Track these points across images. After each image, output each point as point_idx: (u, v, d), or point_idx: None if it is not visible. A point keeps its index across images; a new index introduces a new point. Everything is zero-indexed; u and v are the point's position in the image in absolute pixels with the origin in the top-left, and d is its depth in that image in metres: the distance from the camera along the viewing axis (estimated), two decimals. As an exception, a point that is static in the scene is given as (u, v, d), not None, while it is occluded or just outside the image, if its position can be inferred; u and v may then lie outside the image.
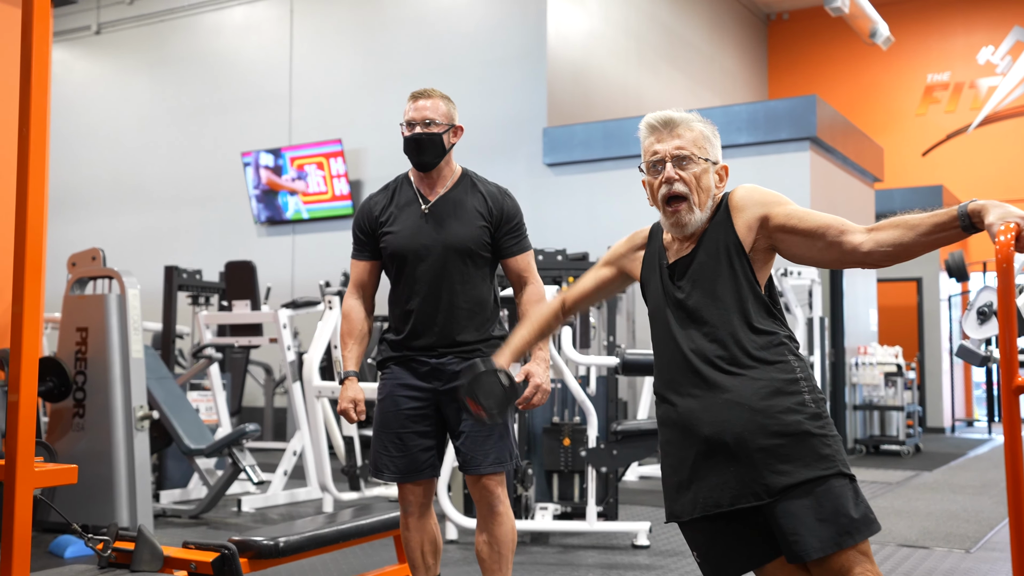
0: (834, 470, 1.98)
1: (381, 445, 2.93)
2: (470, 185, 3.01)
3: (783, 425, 1.99)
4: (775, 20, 15.64)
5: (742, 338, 2.05)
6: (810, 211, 2.04)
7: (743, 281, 2.07)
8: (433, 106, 3.00)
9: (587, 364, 4.85)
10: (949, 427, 12.51)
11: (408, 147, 2.98)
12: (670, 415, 2.12)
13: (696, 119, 2.14)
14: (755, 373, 2.03)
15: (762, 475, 1.98)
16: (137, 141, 12.29)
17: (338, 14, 11.16)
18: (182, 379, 6.10)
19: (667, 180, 2.10)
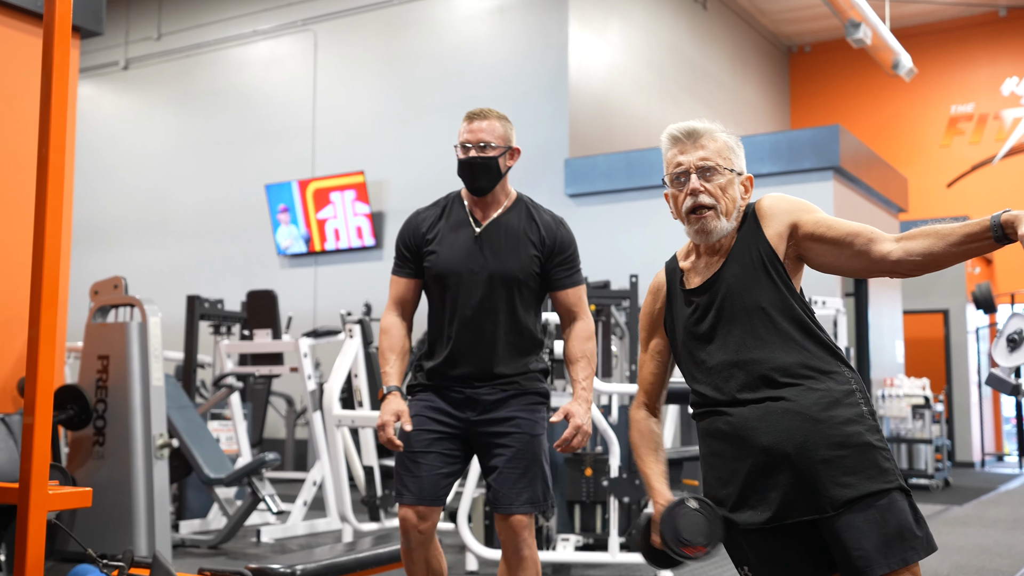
0: (895, 484, 1.91)
1: (403, 465, 2.83)
2: (525, 211, 2.91)
3: (845, 436, 1.92)
4: (797, 52, 15.65)
5: (799, 346, 1.99)
6: (838, 219, 2.00)
7: (785, 289, 2.01)
8: (489, 127, 2.87)
9: (609, 392, 4.80)
10: (979, 462, 12.28)
11: (462, 170, 2.87)
12: (718, 425, 2.04)
13: (720, 129, 2.10)
14: (812, 383, 1.96)
15: (825, 487, 1.91)
16: (163, 174, 12.41)
17: (361, 48, 11.27)
18: (203, 408, 6.09)
19: (692, 192, 2.05)
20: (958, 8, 13.98)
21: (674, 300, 2.17)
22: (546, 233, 2.87)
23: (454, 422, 2.83)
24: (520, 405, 2.83)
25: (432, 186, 10.44)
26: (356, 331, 5.62)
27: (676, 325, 2.16)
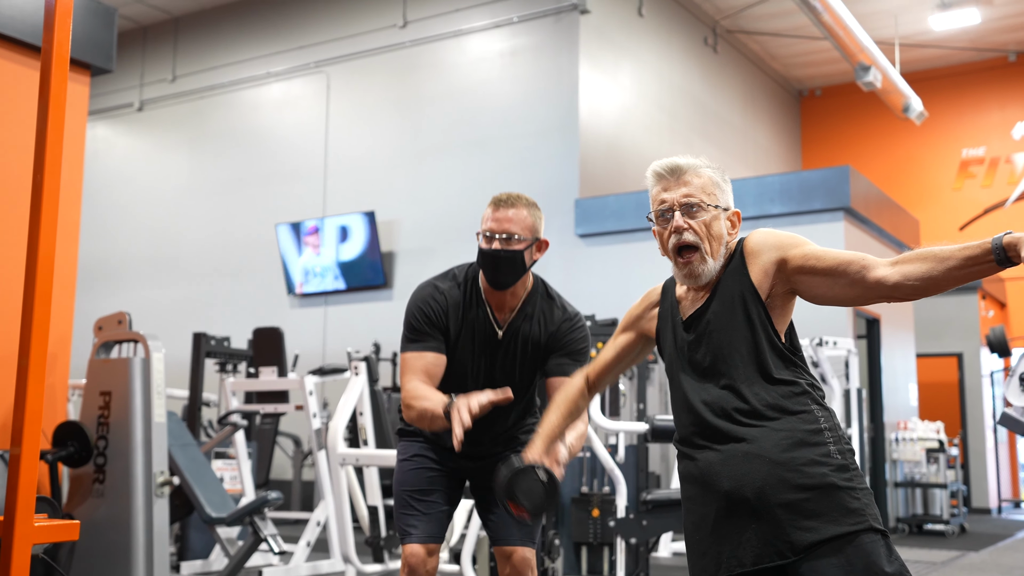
0: (864, 525, 1.84)
1: (405, 505, 2.75)
2: (540, 306, 2.75)
3: (807, 478, 1.87)
4: (807, 96, 15.70)
5: (760, 389, 1.95)
6: (828, 249, 1.95)
7: (759, 330, 1.97)
8: (517, 217, 2.65)
9: (616, 431, 4.73)
10: (995, 508, 12.08)
11: (484, 262, 2.65)
12: (690, 470, 2.02)
13: (704, 164, 2.07)
14: (776, 424, 1.92)
15: (786, 532, 1.85)
16: (175, 214, 12.48)
17: (373, 89, 11.36)
18: (206, 447, 6.04)
19: (676, 230, 2.03)
20: (968, 53, 14.02)
21: (666, 322, 2.14)
22: (558, 330, 2.74)
23: (453, 464, 2.80)
24: (513, 448, 2.79)
25: (442, 227, 10.57)
26: (362, 368, 5.57)
27: (666, 349, 2.14)
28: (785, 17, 12.66)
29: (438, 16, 10.98)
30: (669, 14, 11.84)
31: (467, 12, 10.82)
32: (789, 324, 2.04)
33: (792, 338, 2.04)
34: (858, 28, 10.55)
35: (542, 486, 2.16)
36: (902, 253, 1.85)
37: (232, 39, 12.40)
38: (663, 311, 2.16)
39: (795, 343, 2.04)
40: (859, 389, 8.11)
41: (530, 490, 2.16)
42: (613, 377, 2.35)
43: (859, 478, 1.91)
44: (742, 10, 12.55)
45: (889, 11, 12.58)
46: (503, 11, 10.59)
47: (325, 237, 11.03)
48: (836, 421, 1.98)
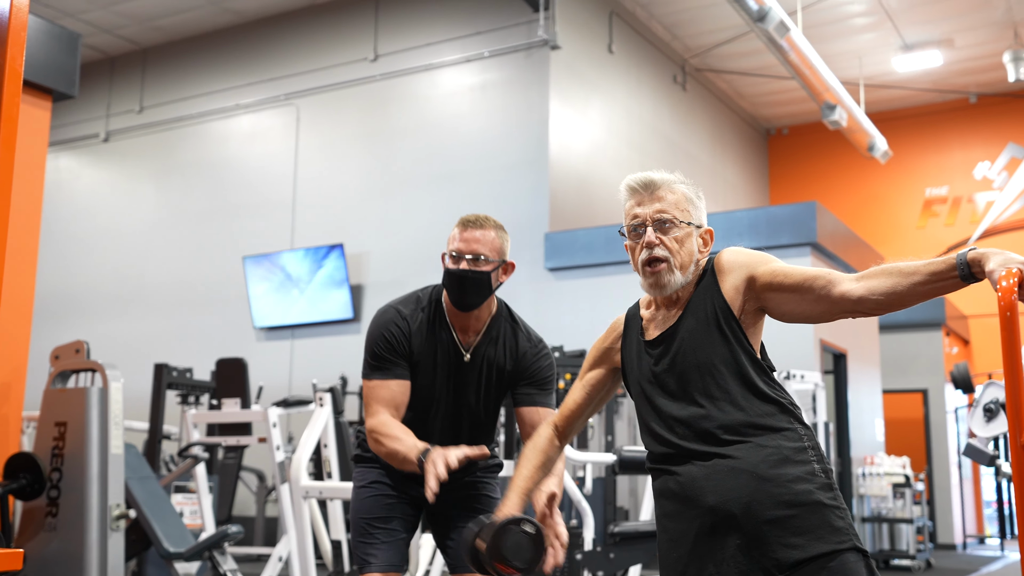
0: (848, 544, 1.82)
1: (365, 533, 2.68)
2: (505, 330, 2.70)
3: (794, 495, 1.84)
4: (775, 135, 15.89)
5: (744, 404, 1.92)
6: (795, 266, 1.95)
7: (737, 346, 1.96)
8: (485, 238, 2.61)
9: (584, 461, 4.68)
10: (960, 543, 12.11)
11: (450, 282, 2.60)
12: (669, 485, 1.97)
13: (679, 180, 2.07)
14: (761, 440, 1.89)
15: (772, 548, 1.82)
16: (141, 246, 12.34)
17: (343, 122, 11.34)
18: (166, 480, 5.90)
19: (647, 245, 2.01)
20: (930, 94, 14.28)
21: (631, 347, 2.12)
22: (524, 357, 2.70)
23: (411, 491, 2.73)
24: (473, 476, 2.76)
25: (411, 260, 10.52)
26: (327, 400, 5.49)
27: (631, 375, 2.11)
28: (753, 56, 12.83)
29: (409, 50, 11.02)
30: (639, 51, 11.96)
31: (438, 46, 10.87)
32: (761, 344, 2.03)
33: (765, 357, 2.03)
34: (824, 68, 10.71)
35: (529, 538, 2.06)
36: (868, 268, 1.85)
37: (201, 70, 12.36)
38: (627, 338, 2.14)
39: (768, 363, 2.03)
40: (827, 423, 8.12)
41: (517, 545, 2.05)
42: (583, 421, 2.29)
43: (840, 498, 1.91)
44: (710, 49, 12.71)
45: (854, 52, 12.80)
46: (474, 46, 10.64)
47: (293, 270, 10.94)
48: (817, 440, 1.97)
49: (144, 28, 12.23)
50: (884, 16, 11.89)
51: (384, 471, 2.74)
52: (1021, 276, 1.52)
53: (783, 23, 9.43)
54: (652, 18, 12.01)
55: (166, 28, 12.24)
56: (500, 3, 10.51)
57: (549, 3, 10.17)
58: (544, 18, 10.13)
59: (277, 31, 11.90)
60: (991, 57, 12.82)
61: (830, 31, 12.15)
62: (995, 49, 12.57)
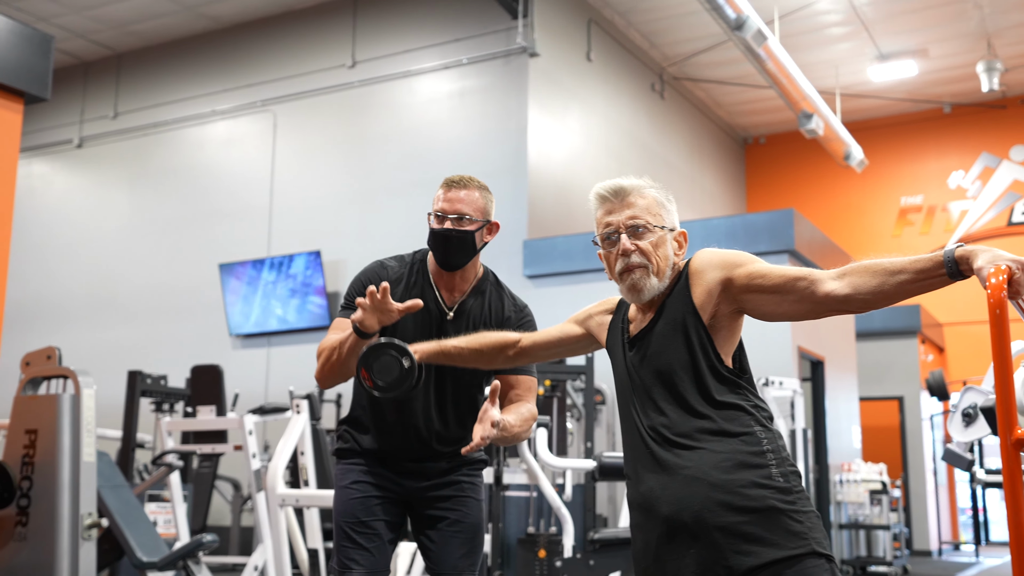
0: (806, 549, 1.78)
1: (347, 537, 2.60)
2: (490, 294, 2.69)
3: (747, 500, 1.80)
4: (752, 144, 15.97)
5: (701, 411, 1.90)
6: (773, 266, 1.93)
7: (699, 352, 1.93)
8: (469, 198, 2.62)
9: (563, 467, 4.65)
10: (936, 550, 12.17)
11: (435, 242, 2.61)
12: (634, 496, 1.96)
13: (649, 185, 2.05)
14: (716, 446, 1.86)
15: (725, 556, 1.79)
16: (115, 253, 12.20)
17: (321, 129, 11.28)
18: (139, 488, 5.82)
19: (623, 253, 1.99)
20: (905, 104, 14.40)
21: (615, 337, 2.10)
22: (508, 321, 2.67)
23: (396, 488, 2.66)
24: (462, 471, 2.70)
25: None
26: (303, 406, 5.43)
27: (616, 368, 2.11)
28: (730, 66, 12.89)
29: (387, 57, 10.98)
30: (617, 60, 11.98)
31: (416, 53, 10.84)
32: (738, 344, 2.00)
33: (741, 359, 2.00)
34: (801, 77, 10.77)
35: (399, 367, 2.20)
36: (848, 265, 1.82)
37: (177, 76, 12.26)
38: (615, 323, 2.14)
39: (743, 364, 2.00)
40: (804, 429, 8.14)
41: (388, 366, 2.20)
42: (543, 353, 2.32)
43: (803, 501, 1.86)
44: (688, 57, 12.75)
45: (830, 61, 12.88)
46: (452, 53, 10.62)
47: (269, 277, 10.86)
48: (781, 443, 1.93)
49: (119, 33, 12.12)
50: (860, 26, 11.98)
51: (366, 467, 2.67)
52: (1010, 273, 1.50)
53: (760, 32, 9.47)
54: (630, 26, 12.04)
55: (141, 33, 12.14)
56: (478, 10, 10.50)
57: (528, 10, 10.17)
58: (523, 25, 10.13)
59: (254, 37, 11.83)
60: (965, 67, 12.94)
61: (807, 40, 12.23)
62: (969, 59, 12.70)
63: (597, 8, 11.49)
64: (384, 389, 2.21)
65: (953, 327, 13.80)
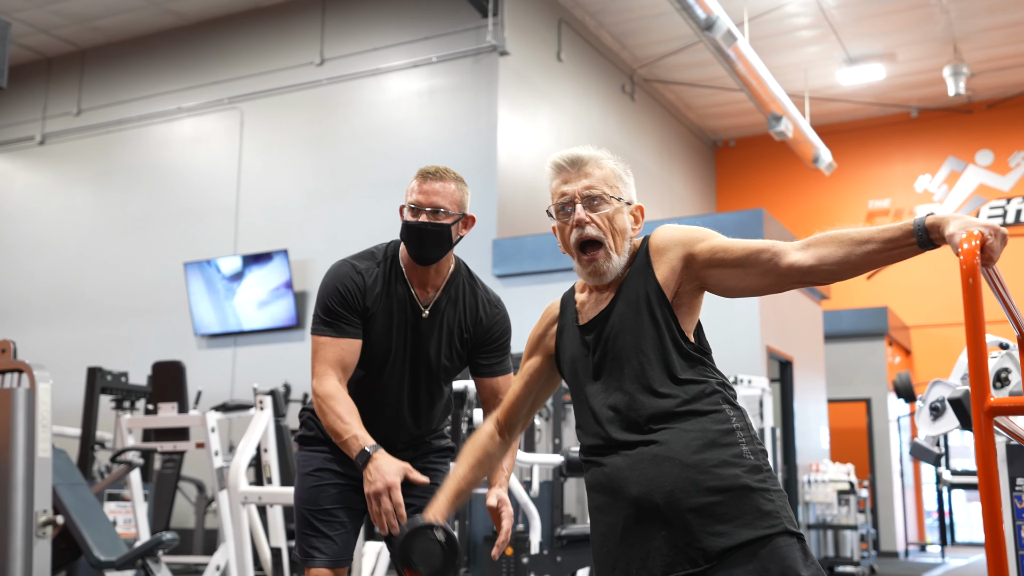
0: (779, 528, 1.73)
1: (309, 525, 2.55)
2: (463, 292, 2.62)
3: (719, 479, 1.75)
4: (722, 147, 16.02)
5: (669, 391, 1.84)
6: (735, 240, 1.87)
7: (664, 330, 1.87)
8: (445, 191, 2.54)
9: (530, 463, 4.59)
10: (903, 551, 12.24)
11: (409, 236, 2.52)
12: (597, 477, 1.89)
13: (606, 156, 1.99)
14: (686, 425, 1.81)
15: (697, 538, 1.73)
16: (78, 252, 12.01)
17: (289, 127, 11.17)
18: (98, 487, 5.69)
19: (578, 223, 1.93)
20: (873, 108, 14.51)
21: (565, 333, 2.03)
22: (481, 321, 2.62)
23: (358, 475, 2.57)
24: (429, 458, 2.64)
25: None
26: (267, 403, 5.33)
27: (565, 362, 2.02)
28: (701, 68, 12.92)
29: (356, 55, 10.89)
30: (587, 60, 11.97)
31: (385, 51, 10.76)
32: (697, 323, 1.95)
33: (700, 337, 1.95)
34: (770, 79, 10.81)
35: (440, 547, 2.03)
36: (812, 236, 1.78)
37: (141, 73, 12.09)
38: (562, 323, 2.06)
39: (704, 344, 1.95)
40: (773, 428, 8.14)
41: (427, 552, 2.02)
42: (527, 415, 2.19)
43: (772, 480, 1.81)
44: (659, 59, 12.77)
45: (799, 64, 12.95)
46: (422, 51, 10.56)
47: (235, 276, 10.72)
48: (748, 421, 1.88)
49: (82, 28, 11.94)
50: (829, 29, 12.05)
51: (330, 454, 2.60)
52: (983, 239, 1.46)
53: (730, 33, 9.49)
54: (601, 27, 12.03)
55: (105, 29, 11.96)
56: (448, 8, 10.44)
57: (498, 9, 10.13)
58: (492, 24, 10.08)
59: (220, 33, 11.69)
60: (932, 72, 13.06)
61: (776, 43, 12.28)
62: (935, 64, 12.81)
63: (567, 8, 11.47)
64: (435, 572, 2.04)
65: (920, 329, 13.91)
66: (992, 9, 11.52)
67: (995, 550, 1.21)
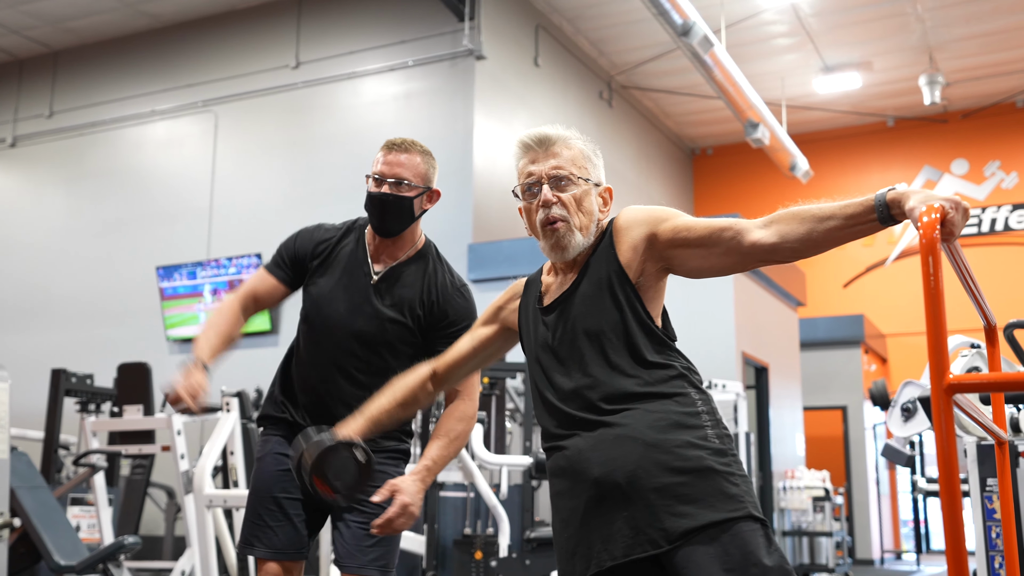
0: (742, 512, 1.69)
1: (254, 513, 2.47)
2: (426, 267, 2.56)
3: (683, 460, 1.71)
4: (700, 155, 16.05)
5: (633, 372, 1.80)
6: (699, 219, 1.83)
7: (628, 311, 1.83)
8: (409, 162, 2.53)
9: (499, 464, 4.53)
10: (878, 559, 12.24)
11: (370, 206, 2.51)
12: (559, 462, 1.84)
13: (575, 136, 1.96)
14: (650, 406, 1.77)
15: (659, 518, 1.69)
16: (49, 256, 11.85)
17: (263, 130, 11.07)
18: (60, 491, 5.58)
19: (544, 204, 1.89)
20: (850, 117, 14.57)
21: (527, 314, 2.00)
22: (438, 298, 2.53)
23: None
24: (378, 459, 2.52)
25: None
26: (234, 404, 5.25)
27: (527, 343, 1.99)
28: (678, 75, 12.93)
29: (332, 58, 10.82)
30: (565, 66, 11.95)
31: (362, 54, 10.70)
32: (663, 309, 1.91)
33: (667, 323, 1.91)
34: (747, 86, 10.82)
35: (356, 465, 1.99)
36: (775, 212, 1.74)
37: (115, 75, 11.97)
38: (524, 303, 2.03)
39: (669, 328, 1.91)
40: (747, 433, 8.11)
41: (343, 468, 1.99)
42: (465, 372, 2.17)
43: (737, 464, 1.78)
44: (636, 66, 12.77)
45: (776, 72, 12.99)
46: (398, 55, 10.50)
47: (209, 281, 10.60)
48: (714, 405, 1.84)
49: (55, 30, 11.81)
50: (806, 37, 12.09)
51: (284, 440, 2.52)
52: (943, 213, 1.42)
53: (707, 38, 9.49)
54: (578, 33, 12.02)
55: (78, 30, 11.84)
56: (425, 12, 10.40)
57: (474, 13, 10.09)
58: (469, 28, 10.04)
59: (195, 36, 11.60)
60: (908, 81, 13.13)
61: (753, 51, 12.31)
62: (911, 73, 12.88)
63: (545, 13, 11.45)
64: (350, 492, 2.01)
65: (896, 338, 13.95)
66: (968, 19, 11.60)
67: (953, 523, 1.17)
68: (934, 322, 1.25)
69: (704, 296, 8.53)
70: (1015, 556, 2.02)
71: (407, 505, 2.22)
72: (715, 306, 8.44)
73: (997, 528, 3.01)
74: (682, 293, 8.13)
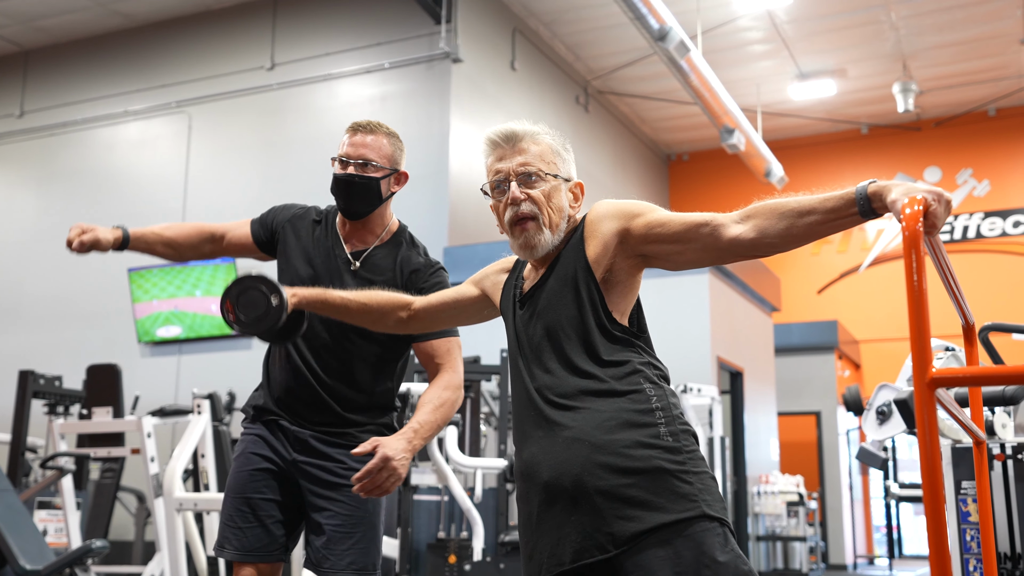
0: (695, 511, 1.64)
1: (226, 512, 2.41)
2: (399, 250, 2.53)
3: (631, 461, 1.66)
4: (675, 160, 16.10)
5: (587, 370, 1.76)
6: (674, 213, 1.81)
7: (588, 309, 1.80)
8: (375, 144, 2.52)
9: (473, 467, 4.49)
10: (851, 564, 12.30)
11: (336, 188, 2.50)
12: (519, 464, 1.82)
13: (543, 131, 1.93)
14: (600, 405, 1.72)
15: (607, 522, 1.64)
16: (19, 257, 11.69)
17: (238, 131, 10.98)
18: (27, 494, 5.48)
19: (512, 201, 1.86)
20: (824, 124, 14.67)
21: (508, 297, 1.98)
22: (412, 278, 2.49)
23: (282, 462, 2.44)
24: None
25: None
26: (205, 407, 5.17)
27: (507, 326, 1.97)
28: (655, 80, 12.96)
29: (307, 59, 10.75)
30: (541, 70, 11.94)
31: (337, 56, 10.64)
32: (636, 303, 1.87)
33: (639, 318, 1.87)
34: (723, 91, 10.86)
35: (267, 304, 2.04)
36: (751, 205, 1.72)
37: (87, 75, 11.83)
38: (508, 282, 2.00)
39: (641, 324, 1.87)
40: (722, 437, 8.11)
41: (254, 301, 2.04)
42: (437, 316, 2.15)
43: (694, 461, 1.71)
44: (613, 71, 12.79)
45: (752, 79, 13.05)
46: (374, 57, 10.45)
47: (181, 283, 10.49)
48: (672, 401, 1.78)
49: (26, 28, 11.66)
50: (781, 44, 12.16)
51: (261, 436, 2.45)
52: (926, 205, 1.40)
53: (683, 43, 9.52)
54: (555, 37, 12.02)
55: (50, 29, 11.70)
56: (401, 14, 10.35)
57: (451, 16, 10.06)
58: (446, 31, 10.01)
59: (169, 36, 11.49)
60: (881, 88, 13.23)
61: (729, 57, 12.36)
62: (885, 80, 12.98)
63: (522, 17, 11.44)
64: (245, 325, 2.06)
65: (870, 344, 14.04)
66: (941, 28, 11.71)
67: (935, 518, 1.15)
68: (917, 316, 1.23)
69: (679, 301, 8.53)
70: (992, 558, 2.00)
71: (388, 459, 2.15)
72: (690, 311, 8.45)
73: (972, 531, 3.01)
74: (658, 297, 8.13)
